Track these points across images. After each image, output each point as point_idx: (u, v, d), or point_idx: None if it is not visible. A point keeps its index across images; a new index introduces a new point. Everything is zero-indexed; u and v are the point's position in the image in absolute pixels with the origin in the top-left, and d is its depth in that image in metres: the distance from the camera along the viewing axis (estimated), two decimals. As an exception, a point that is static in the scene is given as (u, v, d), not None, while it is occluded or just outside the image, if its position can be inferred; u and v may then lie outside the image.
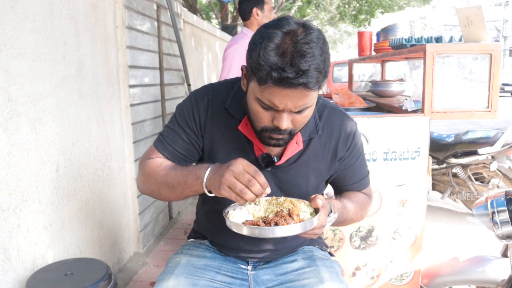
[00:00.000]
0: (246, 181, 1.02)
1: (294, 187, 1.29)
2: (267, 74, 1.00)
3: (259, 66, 1.01)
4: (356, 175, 1.38)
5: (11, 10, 1.68)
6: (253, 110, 1.11)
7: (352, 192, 1.40)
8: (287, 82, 0.99)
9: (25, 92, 1.77)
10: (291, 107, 1.05)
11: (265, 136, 1.14)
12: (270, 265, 1.36)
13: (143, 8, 2.99)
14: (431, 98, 2.17)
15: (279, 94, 1.02)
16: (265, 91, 1.04)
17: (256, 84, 1.05)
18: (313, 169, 1.29)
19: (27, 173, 1.79)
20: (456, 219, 3.86)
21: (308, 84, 1.00)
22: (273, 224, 1.01)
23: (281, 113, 1.07)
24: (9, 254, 1.67)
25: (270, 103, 1.05)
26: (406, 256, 2.31)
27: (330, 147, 1.30)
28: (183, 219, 3.79)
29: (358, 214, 1.35)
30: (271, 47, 1.00)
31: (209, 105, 1.26)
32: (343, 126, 1.31)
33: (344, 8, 13.62)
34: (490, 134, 3.47)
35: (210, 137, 1.27)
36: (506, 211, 1.40)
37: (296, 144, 1.24)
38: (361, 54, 3.71)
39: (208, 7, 15.27)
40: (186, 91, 4.08)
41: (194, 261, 1.33)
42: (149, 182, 1.26)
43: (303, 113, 1.10)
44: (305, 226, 1.03)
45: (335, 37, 30.74)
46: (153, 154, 1.29)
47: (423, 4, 18.66)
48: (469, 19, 2.13)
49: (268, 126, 1.11)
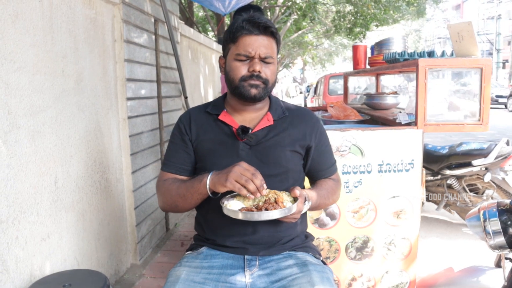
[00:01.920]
0: (250, 175, 1.24)
1: (274, 159, 1.46)
2: (240, 27, 1.40)
3: (233, 29, 1.42)
4: (326, 162, 1.60)
5: (12, 25, 1.72)
6: (233, 68, 1.43)
7: (323, 181, 1.60)
8: (254, 25, 1.38)
9: (24, 105, 1.79)
10: (260, 52, 1.39)
11: (245, 85, 1.42)
12: (266, 272, 1.40)
13: (141, 22, 3.03)
14: (424, 111, 2.21)
15: (250, 41, 1.39)
16: (240, 43, 1.40)
17: (233, 45, 1.43)
18: (288, 145, 1.48)
19: (26, 185, 1.81)
20: (451, 230, 3.88)
21: (268, 24, 1.39)
22: (264, 210, 1.24)
23: (253, 60, 1.40)
24: (7, 266, 1.68)
25: (245, 51, 1.40)
26: (401, 267, 2.33)
27: (300, 131, 1.52)
28: (180, 230, 3.80)
29: (330, 198, 1.56)
30: (240, 18, 1.42)
31: (191, 116, 1.54)
32: (308, 117, 1.57)
33: (339, 21, 13.76)
34: (483, 145, 3.52)
35: (196, 135, 1.50)
36: (498, 222, 1.42)
37: (267, 120, 1.49)
38: (355, 68, 3.76)
39: (204, 20, 15.41)
40: (183, 103, 4.12)
41: (193, 275, 1.37)
42: (166, 199, 1.48)
43: (269, 66, 1.43)
44: (286, 212, 1.26)
45: (331, 50, 30.98)
46: (163, 177, 1.52)
47: (417, 17, 18.89)
48: (460, 35, 2.18)
49: (245, 74, 1.42)
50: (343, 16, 13.65)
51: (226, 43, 1.47)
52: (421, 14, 17.79)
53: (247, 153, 1.44)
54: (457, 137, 7.88)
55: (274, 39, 1.45)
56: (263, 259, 1.43)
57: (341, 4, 14.23)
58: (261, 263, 1.43)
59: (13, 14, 1.72)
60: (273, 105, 1.55)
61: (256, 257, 1.44)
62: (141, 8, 3.03)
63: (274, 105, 1.55)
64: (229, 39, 1.44)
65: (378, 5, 12.58)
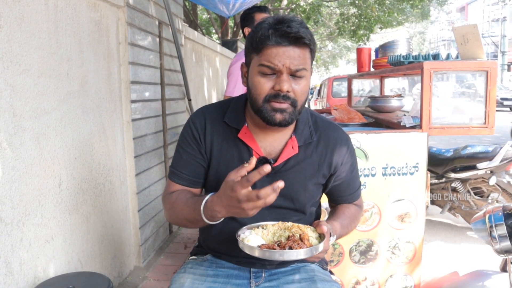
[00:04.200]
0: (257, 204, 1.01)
1: (293, 192, 1.33)
2: (265, 36, 1.15)
3: (257, 36, 1.17)
4: (350, 187, 1.45)
5: (18, 28, 1.73)
6: (255, 84, 1.20)
7: (345, 206, 1.46)
8: (282, 35, 1.14)
9: (29, 107, 1.80)
10: (288, 65, 1.15)
11: (268, 109, 1.20)
12: (272, 284, 1.35)
13: (145, 25, 3.04)
14: (428, 114, 2.20)
15: (277, 52, 1.15)
16: (264, 55, 1.17)
17: (256, 56, 1.19)
18: (310, 177, 1.34)
19: (30, 187, 1.81)
20: (456, 234, 3.86)
21: (301, 34, 1.15)
22: (288, 248, 1.09)
23: (280, 76, 1.17)
24: (11, 268, 1.68)
25: (270, 63, 1.16)
26: (405, 271, 2.32)
27: (325, 157, 1.35)
28: (183, 233, 3.79)
29: (351, 227, 1.43)
30: (265, 22, 1.19)
31: (207, 123, 1.34)
32: (339, 138, 1.39)
33: (343, 23, 13.76)
34: (489, 148, 3.50)
35: (210, 150, 1.33)
36: (504, 226, 1.42)
37: (291, 148, 1.30)
38: (360, 70, 3.75)
39: (208, 22, 15.43)
40: (187, 106, 4.12)
41: (198, 283, 1.33)
42: (173, 216, 1.31)
43: (300, 81, 1.19)
44: (313, 251, 1.11)
45: (335, 52, 30.99)
46: (169, 188, 1.36)
47: (422, 19, 18.86)
48: (465, 37, 2.17)
49: (270, 94, 1.19)
50: (347, 18, 13.65)
51: (249, 51, 1.24)
52: (425, 16, 17.78)
53: (263, 182, 1.17)
54: (462, 140, 7.85)
55: (309, 49, 1.21)
56: (269, 272, 1.39)
57: (345, 6, 14.24)
58: (268, 275, 1.38)
59: (19, 17, 1.73)
60: (300, 125, 1.33)
61: (262, 269, 1.39)
62: (146, 11, 3.04)
63: (301, 125, 1.34)
64: (251, 48, 1.22)
65: (382, 7, 12.58)
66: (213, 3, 5.03)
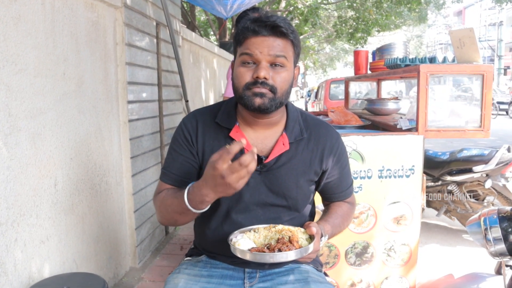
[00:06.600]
0: (242, 173, 1.02)
1: (285, 189, 1.34)
2: (245, 27, 1.23)
3: (239, 29, 1.25)
4: (342, 185, 1.47)
5: (14, 27, 1.72)
6: (237, 73, 1.26)
7: (337, 205, 1.49)
8: (260, 25, 1.20)
9: (25, 107, 1.79)
10: (267, 53, 1.21)
11: (248, 94, 1.23)
12: (266, 284, 1.35)
13: (142, 26, 3.04)
14: (425, 117, 2.21)
15: (255, 41, 1.21)
16: (244, 44, 1.23)
17: (239, 48, 1.26)
18: (301, 173, 1.35)
19: (26, 187, 1.80)
20: (452, 236, 3.87)
21: (277, 23, 1.20)
22: (277, 250, 1.12)
23: (259, 64, 1.22)
24: (5, 268, 1.67)
25: (248, 50, 1.22)
26: (401, 273, 2.33)
27: (317, 154, 1.37)
28: (179, 234, 3.79)
29: (343, 226, 1.45)
30: (247, 17, 1.24)
31: (198, 124, 1.37)
32: (329, 136, 1.41)
33: (341, 26, 13.80)
34: (484, 152, 3.51)
35: (203, 151, 1.35)
36: (498, 229, 1.42)
37: (282, 144, 1.32)
38: (357, 73, 3.76)
39: (206, 24, 15.45)
40: (184, 107, 4.12)
41: (192, 283, 1.33)
42: (163, 214, 1.32)
43: (280, 70, 1.24)
44: (302, 252, 1.13)
45: (332, 55, 31.07)
46: (160, 187, 1.38)
47: (419, 23, 18.93)
48: (461, 41, 2.18)
49: (249, 81, 1.23)
50: (345, 21, 13.69)
51: (234, 47, 1.31)
52: (422, 20, 17.82)
53: (256, 180, 1.30)
54: (458, 143, 7.87)
55: (289, 40, 1.24)
56: (264, 272, 1.39)
57: (342, 9, 14.29)
58: (262, 275, 1.38)
59: (15, 17, 1.73)
60: (290, 122, 1.36)
61: (257, 270, 1.39)
62: (143, 12, 3.04)
63: (291, 122, 1.37)
64: (235, 42, 1.29)
65: (379, 10, 12.62)
66: (211, 5, 5.03)
